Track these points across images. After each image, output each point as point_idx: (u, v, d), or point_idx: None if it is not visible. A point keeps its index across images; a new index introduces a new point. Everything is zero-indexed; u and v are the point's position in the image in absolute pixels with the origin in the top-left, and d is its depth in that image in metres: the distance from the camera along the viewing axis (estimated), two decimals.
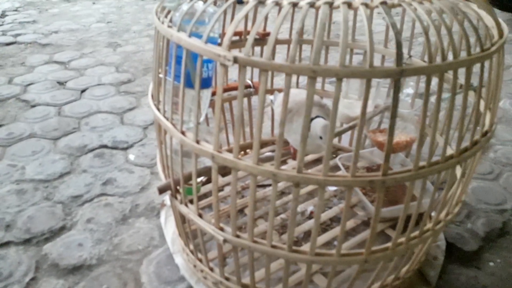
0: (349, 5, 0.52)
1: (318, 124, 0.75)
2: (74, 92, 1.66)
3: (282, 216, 0.95)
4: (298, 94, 0.84)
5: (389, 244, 0.62)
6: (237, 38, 1.01)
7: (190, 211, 0.70)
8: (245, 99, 1.10)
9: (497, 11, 2.62)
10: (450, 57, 0.53)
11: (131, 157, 1.26)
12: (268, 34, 1.03)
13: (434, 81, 0.52)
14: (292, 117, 0.81)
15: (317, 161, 1.16)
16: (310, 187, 1.03)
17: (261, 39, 1.03)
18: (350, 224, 0.93)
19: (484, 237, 0.96)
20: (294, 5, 0.54)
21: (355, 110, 1.05)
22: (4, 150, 1.28)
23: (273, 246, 0.62)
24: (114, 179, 1.16)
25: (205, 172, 0.73)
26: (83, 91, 1.68)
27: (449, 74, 0.68)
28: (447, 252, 0.91)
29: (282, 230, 0.93)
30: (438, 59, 0.51)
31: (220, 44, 0.77)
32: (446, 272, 0.87)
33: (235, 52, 0.52)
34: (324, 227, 0.95)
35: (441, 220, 0.68)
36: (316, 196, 1.02)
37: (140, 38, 2.28)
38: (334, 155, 1.13)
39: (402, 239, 0.63)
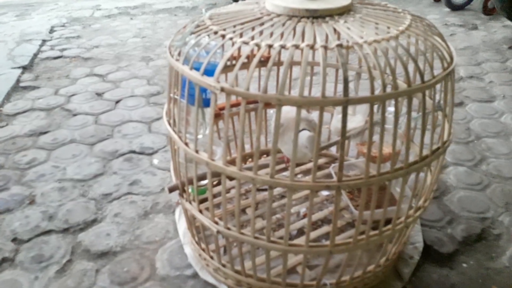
0: (311, 47, 0.66)
1: (304, 136, 0.89)
2: (110, 103, 1.87)
3: (278, 216, 1.09)
4: (289, 111, 0.98)
5: (351, 239, 0.75)
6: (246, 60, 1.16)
7: (192, 208, 0.86)
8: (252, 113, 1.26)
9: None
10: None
11: (155, 161, 1.44)
12: (269, 57, 1.18)
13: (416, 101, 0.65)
14: (284, 130, 0.95)
15: (318, 168, 1.29)
16: (306, 192, 1.17)
17: (265, 61, 1.18)
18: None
19: (462, 241, 1.06)
20: (269, 46, 0.68)
21: (348, 124, 1.19)
22: (50, 153, 1.50)
23: (256, 237, 0.76)
24: (139, 180, 1.34)
25: (205, 176, 0.89)
26: (117, 101, 1.89)
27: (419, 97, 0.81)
28: (424, 253, 1.02)
29: (278, 228, 1.07)
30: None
31: None
32: (420, 270, 0.98)
33: (223, 83, 0.68)
34: (315, 227, 1.08)
35: (401, 222, 0.80)
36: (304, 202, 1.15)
37: None
38: (328, 164, 1.26)
39: (363, 236, 0.76)
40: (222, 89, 0.67)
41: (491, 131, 1.57)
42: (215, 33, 0.75)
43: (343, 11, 0.78)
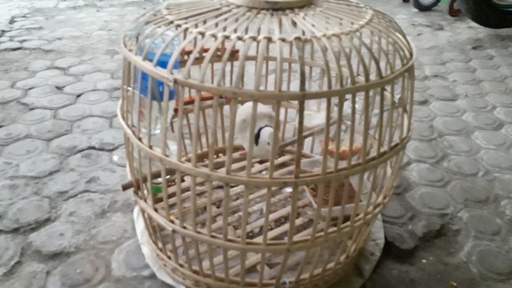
0: (269, 40, 0.64)
1: (266, 132, 0.87)
2: (70, 97, 1.79)
3: (240, 213, 1.07)
4: (247, 108, 0.96)
5: (309, 237, 0.74)
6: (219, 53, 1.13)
7: (147, 206, 0.82)
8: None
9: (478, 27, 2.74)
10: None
11: (115, 158, 1.38)
12: (237, 51, 1.15)
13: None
14: (246, 126, 0.93)
15: (282, 165, 1.27)
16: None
17: (232, 56, 1.16)
18: (299, 221, 1.04)
19: (422, 237, 1.07)
20: (226, 37, 0.66)
21: (312, 121, 1.18)
22: (2, 149, 1.42)
23: (213, 236, 0.74)
24: (97, 178, 1.28)
25: (159, 173, 0.85)
26: (78, 95, 1.81)
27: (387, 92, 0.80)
28: (386, 249, 1.02)
29: (239, 226, 1.05)
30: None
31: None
32: (380, 267, 0.98)
33: (176, 75, 0.65)
34: (279, 224, 1.06)
35: (360, 218, 0.79)
36: (275, 196, 1.14)
37: None
38: (293, 161, 1.24)
39: (321, 233, 0.75)
40: (175, 81, 0.64)
41: (453, 129, 1.60)
42: (171, 23, 0.71)
43: (304, 4, 0.76)
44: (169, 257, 0.89)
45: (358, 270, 0.95)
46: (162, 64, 0.68)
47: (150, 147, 0.73)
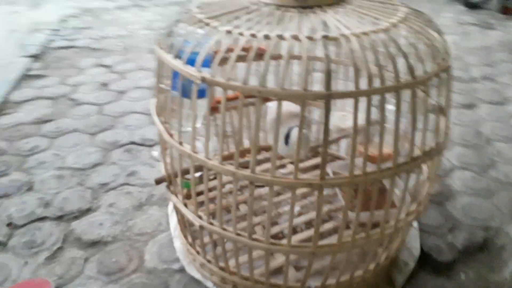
0: (296, 38, 0.64)
1: (296, 133, 0.87)
2: (115, 94, 1.87)
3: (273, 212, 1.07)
4: (284, 106, 0.96)
5: (335, 241, 0.73)
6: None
7: (178, 201, 0.84)
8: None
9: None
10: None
11: (155, 153, 1.43)
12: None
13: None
14: (274, 127, 0.93)
15: (317, 167, 1.26)
16: (304, 189, 1.14)
17: (261, 55, 1.15)
18: (329, 225, 1.02)
19: (462, 250, 1.02)
20: (253, 35, 0.66)
21: (346, 122, 1.16)
22: (52, 141, 1.51)
23: (238, 234, 0.75)
24: (137, 172, 1.33)
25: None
26: (122, 92, 1.89)
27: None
28: (421, 260, 0.98)
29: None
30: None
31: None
32: (415, 278, 0.94)
33: (204, 73, 0.66)
34: (309, 226, 1.05)
35: (391, 226, 0.77)
36: (307, 197, 1.13)
37: None
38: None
39: (349, 239, 0.73)
40: (203, 79, 0.65)
41: (502, 134, 1.51)
42: (200, 21, 0.73)
43: (334, 2, 0.75)
44: (198, 252, 0.92)
45: (389, 280, 0.92)
46: (193, 62, 0.69)
47: (180, 143, 0.75)
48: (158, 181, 0.87)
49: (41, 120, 1.65)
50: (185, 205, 0.83)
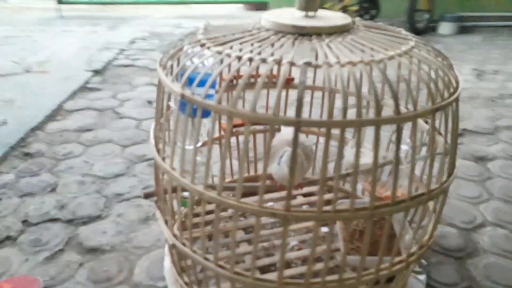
0: (279, 63, 0.62)
1: (287, 155, 0.83)
2: None
3: (265, 244, 1.02)
4: (286, 134, 0.93)
5: (317, 280, 0.67)
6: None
7: (160, 217, 0.83)
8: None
9: None
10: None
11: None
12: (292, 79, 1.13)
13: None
14: (274, 152, 0.90)
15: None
16: (307, 223, 1.08)
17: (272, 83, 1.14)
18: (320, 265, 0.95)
19: None
20: (238, 58, 0.65)
21: (362, 159, 1.09)
22: (86, 149, 1.60)
23: (220, 266, 0.71)
24: (152, 186, 1.36)
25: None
26: None
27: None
28: None
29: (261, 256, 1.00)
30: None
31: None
32: None
33: (185, 90, 0.66)
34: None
35: (377, 270, 0.69)
36: (304, 234, 1.06)
37: None
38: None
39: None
40: (183, 96, 0.66)
41: None
42: (199, 42, 0.74)
43: (335, 31, 0.72)
44: (179, 274, 0.89)
45: None
46: (201, 83, 0.69)
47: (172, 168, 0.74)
48: (147, 195, 0.88)
49: (83, 129, 1.77)
50: (166, 222, 0.82)
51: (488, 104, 2.14)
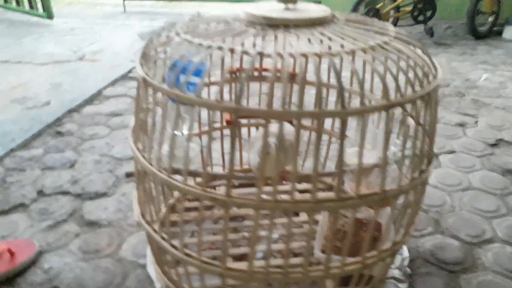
0: (232, 51, 0.63)
1: (258, 144, 0.86)
2: None
3: (244, 233, 1.03)
4: (273, 127, 0.93)
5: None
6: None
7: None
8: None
9: None
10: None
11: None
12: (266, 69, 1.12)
13: None
14: (253, 143, 0.91)
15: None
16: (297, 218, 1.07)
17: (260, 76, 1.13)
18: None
19: None
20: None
21: (354, 159, 1.06)
22: (111, 132, 1.70)
23: (187, 254, 0.73)
24: None
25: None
26: None
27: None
28: None
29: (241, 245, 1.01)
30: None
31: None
32: None
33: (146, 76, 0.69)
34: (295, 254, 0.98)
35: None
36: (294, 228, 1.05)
37: None
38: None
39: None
40: (144, 80, 0.69)
41: None
42: (176, 33, 0.76)
43: (305, 24, 0.71)
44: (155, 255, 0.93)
45: None
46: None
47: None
48: (128, 175, 0.92)
49: (114, 113, 1.88)
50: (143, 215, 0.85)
51: None
